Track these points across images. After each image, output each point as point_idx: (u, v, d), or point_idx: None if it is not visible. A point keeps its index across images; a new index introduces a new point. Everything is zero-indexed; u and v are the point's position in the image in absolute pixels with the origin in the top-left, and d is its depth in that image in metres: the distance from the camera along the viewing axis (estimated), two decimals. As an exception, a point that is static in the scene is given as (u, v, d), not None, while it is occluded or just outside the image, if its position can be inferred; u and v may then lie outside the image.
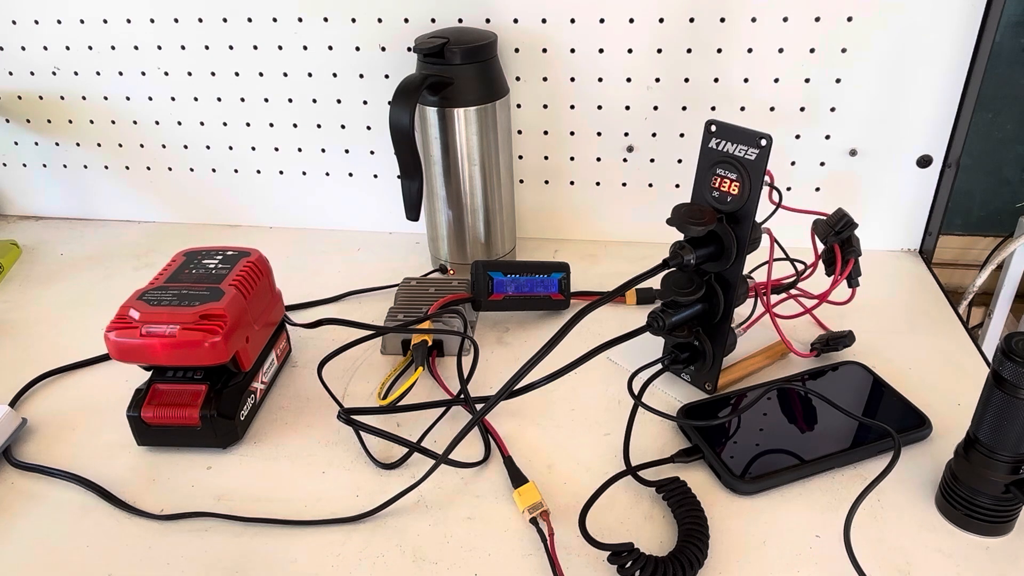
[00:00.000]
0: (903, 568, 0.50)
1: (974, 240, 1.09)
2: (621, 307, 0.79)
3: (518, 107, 0.85)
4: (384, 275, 0.85)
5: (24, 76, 0.93)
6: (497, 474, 0.58)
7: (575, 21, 0.79)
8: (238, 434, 0.62)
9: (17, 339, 0.77)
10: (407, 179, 0.74)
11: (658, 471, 0.57)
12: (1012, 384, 0.46)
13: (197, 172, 0.96)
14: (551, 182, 0.90)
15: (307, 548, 0.53)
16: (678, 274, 0.60)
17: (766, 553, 0.51)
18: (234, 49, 0.87)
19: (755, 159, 0.56)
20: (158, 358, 0.58)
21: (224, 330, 0.58)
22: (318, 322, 0.70)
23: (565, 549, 0.51)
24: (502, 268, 0.74)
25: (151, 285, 0.62)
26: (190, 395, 0.60)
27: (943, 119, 0.79)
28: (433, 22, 0.81)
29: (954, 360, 0.70)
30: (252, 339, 0.62)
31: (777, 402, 0.63)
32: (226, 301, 0.59)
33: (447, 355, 0.71)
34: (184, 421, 0.59)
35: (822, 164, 0.84)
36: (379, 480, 0.58)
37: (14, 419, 0.63)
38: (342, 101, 0.88)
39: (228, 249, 0.67)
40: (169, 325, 0.57)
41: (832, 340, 0.69)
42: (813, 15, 0.76)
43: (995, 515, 0.51)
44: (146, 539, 0.54)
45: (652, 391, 0.64)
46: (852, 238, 0.65)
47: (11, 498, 0.58)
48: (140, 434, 0.61)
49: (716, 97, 0.81)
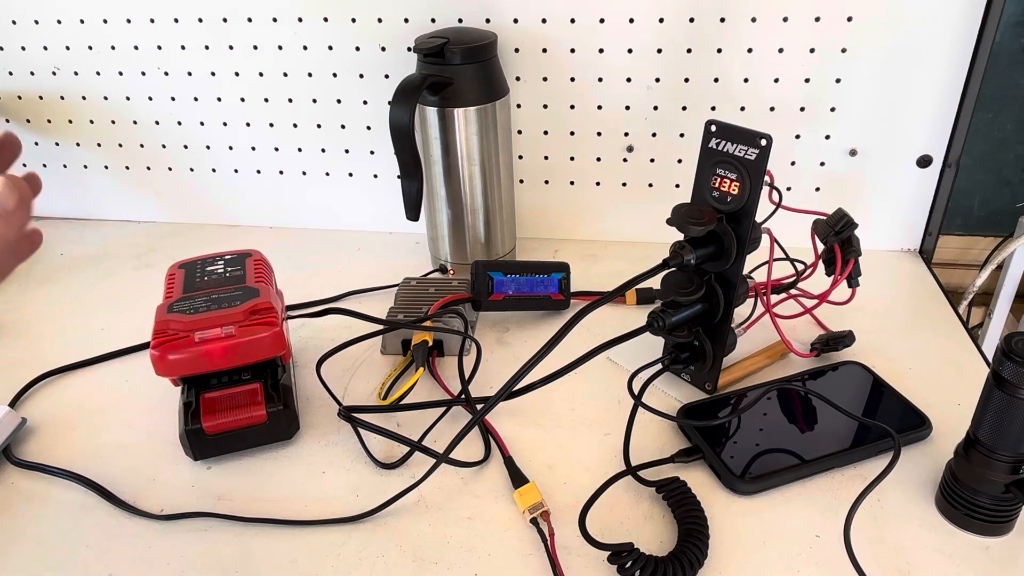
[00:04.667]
0: (903, 568, 0.50)
1: (974, 240, 1.09)
2: (621, 307, 0.79)
3: (518, 107, 0.85)
4: (384, 275, 0.85)
5: (24, 76, 0.93)
6: (497, 474, 0.58)
7: (575, 21, 0.79)
8: (299, 424, 0.62)
9: (17, 339, 0.77)
10: (407, 179, 0.74)
11: (658, 471, 0.57)
12: (1012, 384, 0.46)
13: (197, 172, 0.96)
14: (551, 182, 0.90)
15: (307, 548, 0.53)
16: (678, 274, 0.61)
17: (766, 553, 0.51)
18: (234, 49, 0.87)
19: (755, 159, 0.56)
20: (217, 362, 0.57)
21: (278, 321, 0.58)
22: (325, 311, 0.69)
23: (565, 549, 0.51)
24: (502, 268, 0.74)
25: (170, 299, 0.61)
26: (246, 395, 0.60)
27: (943, 119, 0.79)
28: (433, 22, 0.81)
29: (954, 360, 0.70)
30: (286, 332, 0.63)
31: (777, 402, 0.63)
32: (267, 295, 0.60)
33: (447, 355, 0.71)
34: (250, 421, 0.59)
35: (822, 164, 0.84)
36: (379, 480, 0.58)
37: (14, 419, 0.63)
38: (342, 101, 0.88)
39: (225, 253, 0.67)
40: (223, 327, 0.57)
41: (832, 340, 0.69)
42: (813, 15, 0.76)
43: (995, 515, 0.51)
44: (146, 539, 0.54)
45: (652, 391, 0.64)
46: (852, 238, 0.65)
47: (11, 498, 0.58)
48: (198, 448, 0.59)
49: (716, 97, 0.81)
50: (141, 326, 0.69)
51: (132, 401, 0.67)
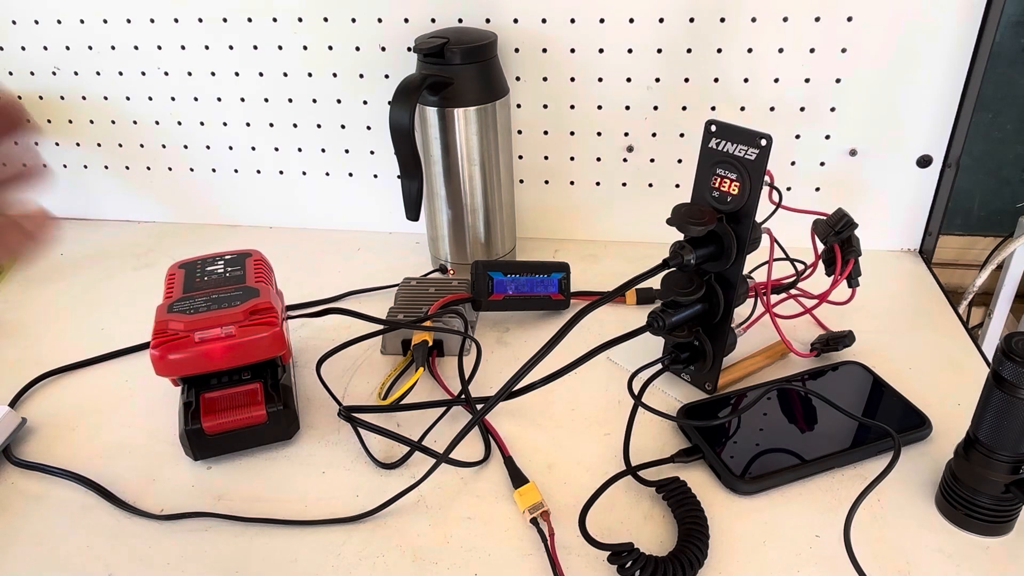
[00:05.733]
0: (903, 568, 0.50)
1: (974, 240, 1.09)
2: (621, 307, 0.79)
3: (518, 107, 0.85)
4: (384, 275, 0.85)
5: (24, 76, 0.93)
6: (497, 474, 0.58)
7: (575, 21, 0.79)
8: (299, 424, 0.62)
9: (17, 339, 0.77)
10: (407, 179, 0.74)
11: (658, 471, 0.57)
12: (1012, 384, 0.46)
13: (197, 172, 0.96)
14: (551, 182, 0.90)
15: (307, 548, 0.53)
16: (678, 274, 0.60)
17: (766, 553, 0.51)
18: (234, 49, 0.87)
19: (755, 159, 0.56)
20: (217, 362, 0.57)
21: (278, 321, 0.58)
22: (325, 311, 0.69)
23: (565, 549, 0.51)
24: (502, 268, 0.74)
25: (170, 299, 0.61)
26: (246, 395, 0.60)
27: (943, 119, 0.79)
28: (433, 22, 0.81)
29: (954, 360, 0.70)
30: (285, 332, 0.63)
31: (777, 402, 0.63)
32: (267, 295, 0.60)
33: (447, 355, 0.71)
34: (251, 421, 0.59)
35: (822, 164, 0.84)
36: (379, 480, 0.58)
37: (14, 419, 0.63)
38: (342, 101, 0.88)
39: (225, 253, 0.67)
40: (222, 327, 0.57)
41: (832, 340, 0.69)
42: (813, 15, 0.76)
43: (995, 515, 0.51)
44: (146, 539, 0.54)
45: (652, 391, 0.64)
46: (852, 238, 0.65)
47: (11, 498, 0.58)
48: (197, 448, 0.59)
49: (716, 97, 0.81)
50: (141, 326, 0.69)
51: (132, 401, 0.67)
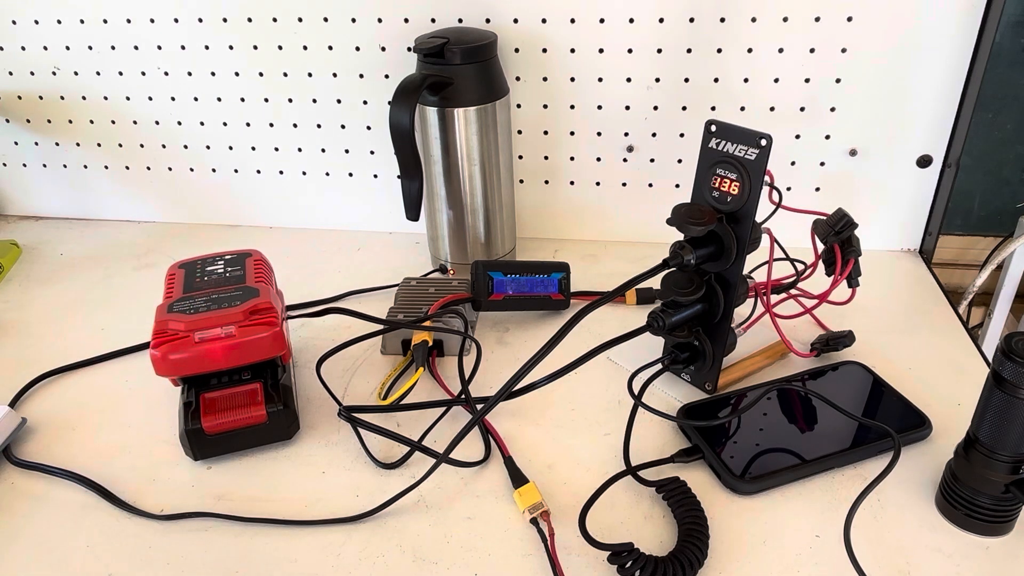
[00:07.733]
0: (903, 568, 0.50)
1: (974, 240, 1.09)
2: (621, 307, 0.79)
3: (518, 107, 0.85)
4: (384, 275, 0.85)
5: (24, 76, 0.93)
6: (497, 474, 0.58)
7: (575, 21, 0.79)
8: (299, 424, 0.62)
9: (17, 339, 0.77)
10: (407, 179, 0.74)
11: (658, 471, 0.57)
12: (1012, 384, 0.46)
13: (197, 172, 0.96)
14: (551, 182, 0.90)
15: (307, 548, 0.53)
16: (678, 274, 0.60)
17: (766, 553, 0.51)
18: (234, 49, 0.87)
19: (755, 159, 0.56)
20: (217, 362, 0.57)
21: (278, 321, 0.58)
22: (325, 311, 0.69)
23: (565, 549, 0.51)
24: (502, 268, 0.74)
25: (170, 299, 0.61)
26: (246, 395, 0.60)
27: (943, 119, 0.79)
28: (433, 22, 0.81)
29: (954, 360, 0.70)
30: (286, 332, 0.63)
31: (777, 402, 0.63)
32: (267, 295, 0.60)
33: (447, 355, 0.71)
34: (251, 421, 0.59)
35: (822, 164, 0.84)
36: (379, 480, 0.58)
37: (14, 419, 0.63)
38: (342, 101, 0.88)
39: (225, 253, 0.67)
40: (223, 327, 0.57)
41: (832, 340, 0.69)
42: (813, 15, 0.76)
43: (995, 515, 0.51)
44: (146, 539, 0.54)
45: (652, 391, 0.64)
46: (852, 238, 0.65)
47: (11, 498, 0.58)
48: (197, 448, 0.59)
49: (716, 97, 0.81)
50: (141, 326, 0.69)
51: (132, 401, 0.67)
